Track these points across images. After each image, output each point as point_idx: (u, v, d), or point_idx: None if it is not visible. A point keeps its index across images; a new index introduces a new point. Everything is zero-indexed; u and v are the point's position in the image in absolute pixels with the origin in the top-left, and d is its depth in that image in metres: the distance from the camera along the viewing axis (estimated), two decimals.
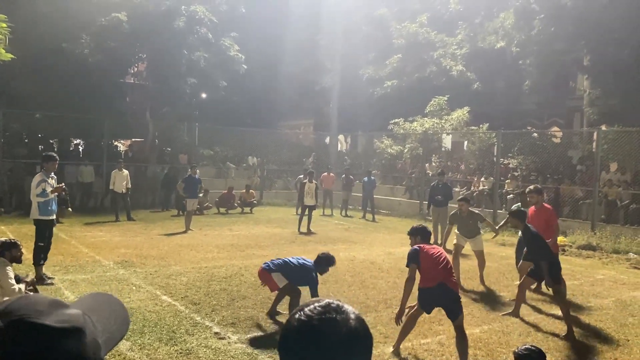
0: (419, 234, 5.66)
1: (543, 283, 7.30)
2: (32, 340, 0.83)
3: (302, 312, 1.02)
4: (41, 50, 17.63)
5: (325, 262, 6.55)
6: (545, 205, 8.32)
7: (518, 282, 7.45)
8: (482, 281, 8.85)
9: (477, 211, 9.39)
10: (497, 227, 9.54)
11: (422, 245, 5.50)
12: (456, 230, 9.20)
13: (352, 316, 1.01)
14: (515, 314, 6.99)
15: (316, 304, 1.02)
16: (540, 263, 6.58)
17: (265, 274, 6.44)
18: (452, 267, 5.47)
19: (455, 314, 5.29)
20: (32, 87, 18.27)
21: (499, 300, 7.91)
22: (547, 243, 6.88)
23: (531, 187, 8.43)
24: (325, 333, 0.97)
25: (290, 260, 6.52)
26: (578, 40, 19.15)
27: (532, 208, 8.23)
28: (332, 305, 1.02)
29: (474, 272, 9.41)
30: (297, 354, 0.99)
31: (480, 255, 8.96)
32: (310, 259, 6.64)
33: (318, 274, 6.51)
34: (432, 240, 8.99)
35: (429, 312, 5.59)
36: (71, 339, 0.85)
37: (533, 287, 8.00)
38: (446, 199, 13.28)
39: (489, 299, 7.97)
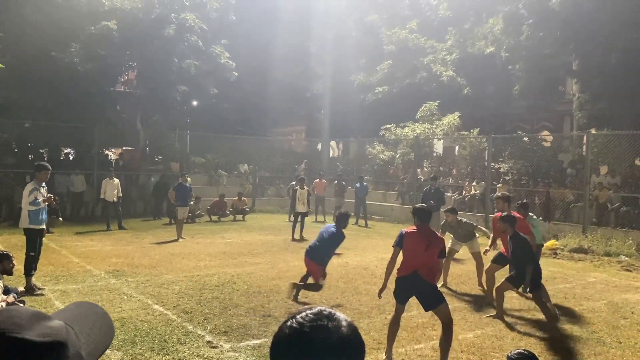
0: (416, 215, 5.61)
1: (521, 288, 7.40)
2: (12, 356, 0.80)
3: (293, 319, 1.01)
4: (30, 59, 17.53)
5: (345, 218, 8.01)
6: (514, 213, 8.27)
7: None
8: (480, 284, 8.83)
9: (465, 220, 9.37)
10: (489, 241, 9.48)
11: (409, 231, 5.53)
12: (451, 235, 9.22)
13: (344, 323, 1.00)
14: (499, 315, 7.03)
15: (308, 311, 1.02)
16: (527, 268, 6.65)
17: (315, 265, 7.64)
18: (433, 258, 5.36)
19: (431, 304, 5.32)
20: (21, 96, 18.14)
21: (492, 304, 7.91)
22: (532, 249, 6.95)
23: (499, 194, 8.57)
24: (317, 340, 0.96)
25: (323, 242, 7.74)
26: (566, 45, 19.33)
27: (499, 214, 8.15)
28: (324, 312, 1.01)
29: (467, 276, 9.43)
30: None
31: (477, 257, 8.96)
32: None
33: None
34: None
35: (403, 303, 5.56)
36: (53, 354, 0.83)
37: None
38: (438, 203, 13.32)
39: (482, 303, 7.97)
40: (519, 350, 3.22)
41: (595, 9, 17.15)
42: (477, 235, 9.35)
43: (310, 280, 7.84)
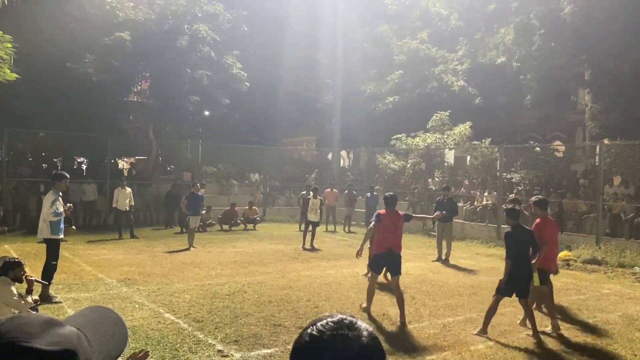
0: (385, 201, 7.63)
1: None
2: None
3: (314, 327, 0.99)
4: (45, 70, 17.80)
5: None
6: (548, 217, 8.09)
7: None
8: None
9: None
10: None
11: (382, 212, 7.38)
12: None
13: (365, 333, 0.98)
14: (535, 335, 6.65)
15: (329, 319, 1.00)
16: (506, 261, 6.72)
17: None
18: (400, 235, 7.39)
19: (396, 270, 7.35)
20: (36, 106, 18.41)
21: (503, 316, 7.84)
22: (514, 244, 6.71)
23: (534, 198, 8.07)
24: (336, 350, 0.95)
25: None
26: (578, 55, 19.26)
27: (538, 220, 7.95)
28: (345, 321, 0.99)
29: (479, 286, 9.35)
30: None
31: None
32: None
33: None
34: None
35: (379, 272, 7.76)
36: None
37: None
38: (451, 214, 13.21)
39: (495, 315, 7.89)
40: None
41: (606, 20, 17.10)
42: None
43: None
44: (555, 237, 7.63)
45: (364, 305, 7.63)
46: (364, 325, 1.00)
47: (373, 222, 7.34)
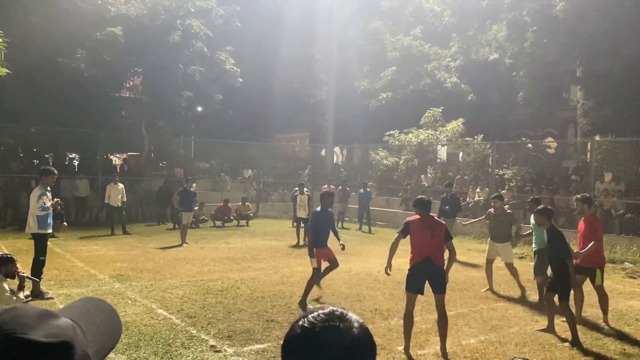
0: (418, 205, 6.07)
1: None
2: (18, 357, 0.79)
3: (305, 319, 1.00)
4: (36, 65, 17.65)
5: (327, 196, 8.08)
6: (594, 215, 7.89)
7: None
8: (520, 286, 8.81)
9: (509, 210, 9.40)
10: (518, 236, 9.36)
11: (412, 219, 5.97)
12: (489, 239, 9.28)
13: (356, 324, 0.99)
14: (551, 329, 6.77)
15: (320, 311, 1.01)
16: (567, 262, 6.38)
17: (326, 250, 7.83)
18: (441, 244, 5.84)
19: (440, 287, 5.81)
20: (27, 102, 18.26)
21: (494, 310, 7.90)
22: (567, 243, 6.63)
23: (578, 195, 7.96)
24: (328, 341, 0.96)
25: (320, 224, 7.85)
26: (570, 52, 19.34)
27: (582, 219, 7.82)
28: (336, 313, 1.00)
29: (471, 282, 9.41)
30: None
31: (510, 268, 8.99)
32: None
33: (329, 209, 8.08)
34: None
35: (419, 291, 5.90)
36: (60, 354, 0.82)
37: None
38: (454, 210, 13.25)
39: (485, 309, 7.96)
40: (524, 358, 3.22)
41: (598, 17, 17.18)
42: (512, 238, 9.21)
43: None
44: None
45: (401, 346, 5.91)
46: (354, 316, 1.01)
47: (398, 233, 6.13)
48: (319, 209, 7.98)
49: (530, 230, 8.85)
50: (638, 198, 14.51)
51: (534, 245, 8.66)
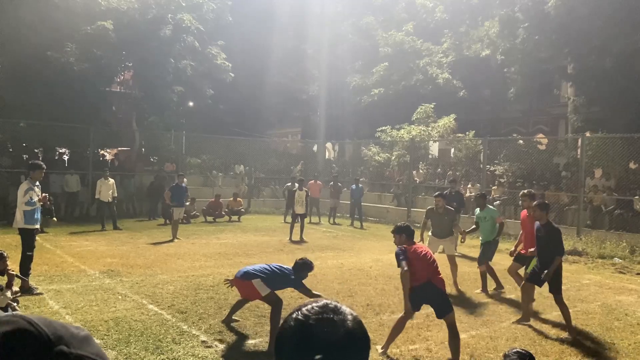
0: (403, 232, 5.69)
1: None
2: None
3: (299, 312, 1.00)
4: (25, 59, 17.47)
5: (302, 267, 6.15)
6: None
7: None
8: (455, 283, 8.98)
9: (451, 208, 9.42)
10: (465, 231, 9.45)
11: (407, 247, 5.61)
12: (429, 234, 9.29)
13: (350, 317, 0.99)
14: (526, 319, 6.96)
15: (314, 304, 1.01)
16: (556, 258, 6.50)
17: (245, 282, 5.97)
18: (437, 265, 5.68)
19: (443, 311, 5.53)
20: (16, 96, 18.07)
21: (485, 305, 7.93)
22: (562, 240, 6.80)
23: (524, 191, 8.40)
24: (322, 334, 0.96)
25: (267, 266, 6.16)
26: (562, 49, 19.43)
27: (525, 212, 8.24)
28: (330, 305, 1.00)
29: (462, 277, 9.44)
30: (292, 354, 0.97)
31: (452, 260, 9.12)
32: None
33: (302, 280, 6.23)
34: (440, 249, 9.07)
35: (418, 310, 5.80)
36: None
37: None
38: (459, 207, 13.25)
39: (476, 305, 7.99)
40: (516, 350, 3.22)
41: (590, 14, 17.26)
42: (454, 234, 9.41)
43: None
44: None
45: (380, 350, 5.73)
46: (348, 309, 1.01)
47: (401, 263, 5.53)
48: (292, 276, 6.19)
49: (474, 227, 9.21)
50: (628, 194, 14.63)
51: (480, 237, 9.13)
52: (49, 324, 0.84)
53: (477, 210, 9.38)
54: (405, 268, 5.46)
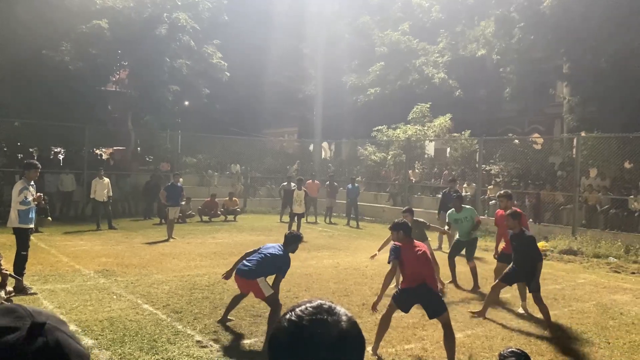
0: (401, 229, 5.63)
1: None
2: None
3: (292, 313, 0.99)
4: (20, 57, 17.39)
5: (292, 240, 6.39)
6: (516, 209, 8.33)
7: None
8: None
9: (420, 219, 9.41)
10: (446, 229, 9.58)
11: (403, 245, 5.56)
12: None
13: (344, 318, 0.98)
14: (482, 314, 7.17)
15: (308, 305, 1.00)
16: (537, 264, 6.71)
17: (249, 281, 6.00)
18: (432, 266, 5.61)
19: (436, 312, 5.43)
20: (11, 95, 17.98)
21: (480, 305, 7.93)
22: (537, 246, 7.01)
23: (502, 192, 8.64)
24: (316, 334, 0.95)
25: (262, 256, 6.14)
26: (557, 49, 19.47)
27: (501, 211, 8.36)
28: (324, 306, 0.99)
29: (457, 277, 9.45)
30: (286, 356, 0.96)
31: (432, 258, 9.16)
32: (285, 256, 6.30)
33: (290, 253, 6.34)
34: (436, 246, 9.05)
35: (406, 311, 5.73)
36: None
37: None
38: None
39: (471, 304, 7.99)
40: (511, 349, 3.22)
41: (585, 14, 17.31)
42: (428, 237, 9.42)
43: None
44: None
45: (371, 351, 5.64)
46: (343, 310, 1.00)
47: (391, 260, 5.53)
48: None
49: (447, 227, 9.42)
50: (623, 193, 14.67)
51: (458, 236, 9.52)
52: (32, 308, 0.90)
53: (452, 211, 9.49)
54: (392, 266, 5.46)
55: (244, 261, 6.27)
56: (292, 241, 6.39)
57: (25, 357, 0.82)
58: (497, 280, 7.31)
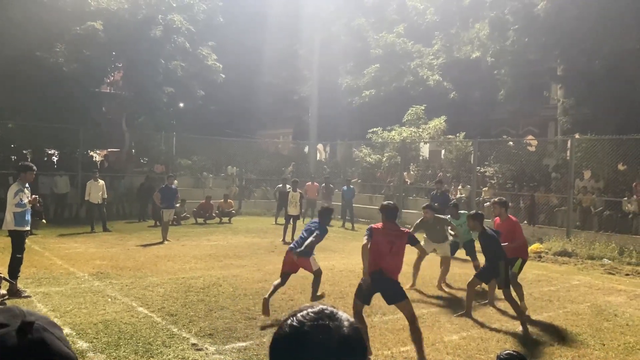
0: (382, 212, 5.80)
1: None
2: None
3: (294, 318, 0.99)
4: (14, 59, 17.29)
5: (327, 213, 7.47)
6: (511, 217, 8.34)
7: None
8: (440, 286, 9.07)
9: (442, 216, 9.56)
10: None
11: (376, 227, 5.66)
12: (423, 236, 9.33)
13: (346, 323, 0.98)
14: (468, 314, 7.27)
15: (309, 310, 1.00)
16: (499, 263, 6.87)
17: (303, 259, 7.14)
18: (399, 256, 5.56)
19: (392, 299, 5.48)
20: (4, 96, 17.88)
21: (475, 307, 7.94)
22: (501, 245, 7.12)
23: (495, 199, 8.58)
24: (317, 340, 0.94)
25: (309, 237, 7.16)
26: (551, 51, 19.56)
27: (497, 220, 8.27)
28: (326, 311, 0.99)
29: (453, 279, 9.46)
30: None
31: (446, 261, 9.21)
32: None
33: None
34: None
35: (368, 303, 5.77)
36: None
37: (484, 302, 8.12)
38: (444, 207, 13.32)
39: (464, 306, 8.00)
40: (508, 351, 3.22)
41: (579, 16, 17.39)
42: (449, 238, 9.55)
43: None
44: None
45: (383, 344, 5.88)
46: (344, 315, 1.00)
47: (365, 238, 5.65)
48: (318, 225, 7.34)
49: (453, 233, 9.56)
50: (617, 195, 14.74)
51: (458, 240, 9.79)
52: (27, 310, 0.95)
53: (449, 218, 9.69)
54: (364, 242, 5.55)
55: (294, 243, 7.38)
56: (327, 214, 7.48)
57: (7, 351, 0.85)
58: (472, 277, 7.52)
